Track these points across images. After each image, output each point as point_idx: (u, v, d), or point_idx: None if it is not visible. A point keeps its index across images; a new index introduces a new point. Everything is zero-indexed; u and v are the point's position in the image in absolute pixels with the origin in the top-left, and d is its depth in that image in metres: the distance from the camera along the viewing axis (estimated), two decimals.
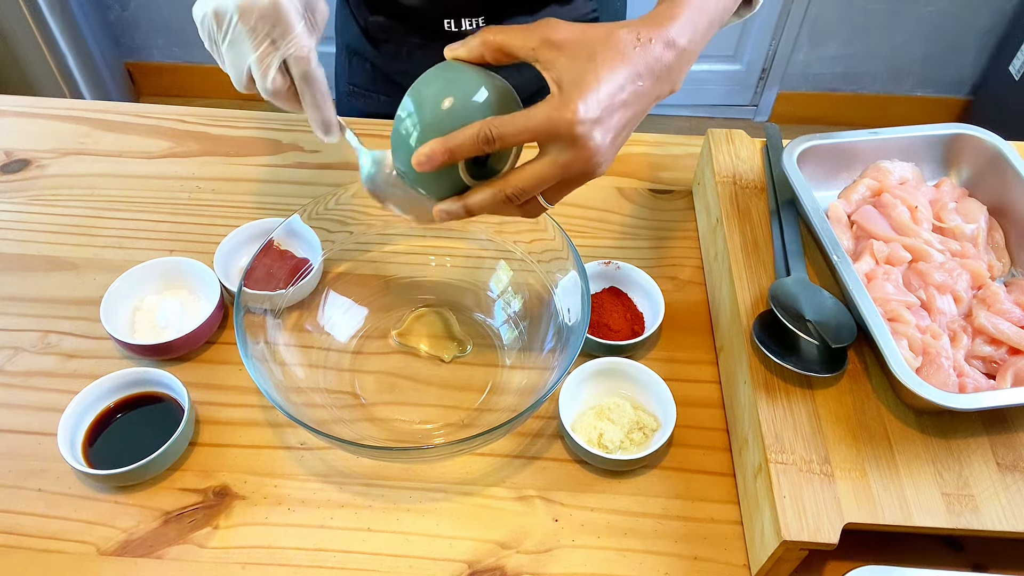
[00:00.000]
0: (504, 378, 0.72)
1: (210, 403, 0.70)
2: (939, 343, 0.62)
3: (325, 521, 0.63)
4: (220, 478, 0.65)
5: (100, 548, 0.61)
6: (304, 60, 0.57)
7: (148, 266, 0.76)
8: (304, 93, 0.59)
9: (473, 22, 0.89)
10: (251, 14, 0.55)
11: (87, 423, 0.66)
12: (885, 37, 2.31)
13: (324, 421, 0.66)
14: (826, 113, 2.49)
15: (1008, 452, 0.59)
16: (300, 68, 0.57)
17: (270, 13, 0.55)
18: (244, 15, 0.55)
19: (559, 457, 0.67)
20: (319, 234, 0.73)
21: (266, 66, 0.57)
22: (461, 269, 0.78)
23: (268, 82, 0.57)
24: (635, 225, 0.86)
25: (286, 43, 0.56)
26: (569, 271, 0.69)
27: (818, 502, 0.56)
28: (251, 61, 0.57)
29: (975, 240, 0.70)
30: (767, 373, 0.63)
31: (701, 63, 2.39)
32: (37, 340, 0.74)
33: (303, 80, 0.58)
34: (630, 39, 0.51)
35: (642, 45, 0.51)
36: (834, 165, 0.77)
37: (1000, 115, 2.23)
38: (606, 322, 0.73)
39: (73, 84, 2.14)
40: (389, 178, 0.62)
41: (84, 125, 0.95)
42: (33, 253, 0.81)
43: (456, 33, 0.90)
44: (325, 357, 0.72)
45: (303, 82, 0.58)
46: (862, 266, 0.67)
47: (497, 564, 0.61)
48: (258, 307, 0.67)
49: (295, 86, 0.59)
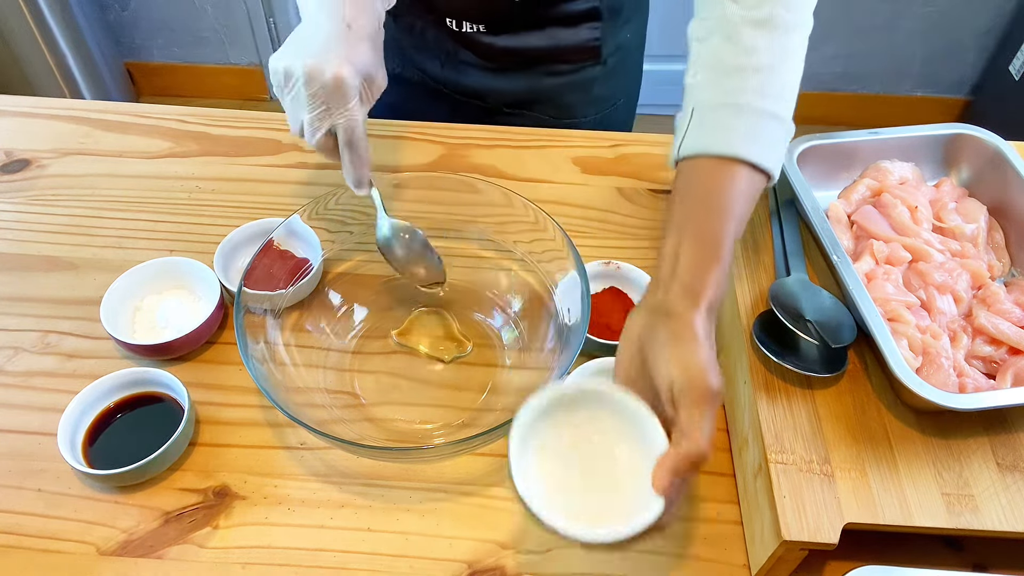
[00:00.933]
0: (504, 378, 0.72)
1: (210, 403, 0.70)
2: (939, 343, 0.62)
3: (325, 521, 0.63)
4: (220, 478, 0.65)
5: (100, 548, 0.61)
6: (350, 130, 0.64)
7: (148, 266, 0.76)
8: (344, 154, 0.66)
9: (473, 26, 0.89)
10: (315, 83, 0.62)
11: (87, 423, 0.66)
12: (885, 37, 2.31)
13: (324, 421, 0.66)
14: (826, 113, 2.49)
15: (1008, 452, 0.59)
16: (346, 135, 0.64)
17: (331, 87, 0.62)
18: (309, 82, 0.62)
19: None
20: (319, 234, 0.73)
21: (315, 128, 0.64)
22: (461, 269, 0.78)
23: (315, 141, 0.65)
24: (635, 225, 0.86)
25: (339, 113, 0.63)
26: (569, 271, 0.69)
27: (818, 502, 0.56)
28: (304, 120, 0.64)
29: (975, 240, 0.70)
30: (767, 373, 0.63)
31: None
32: (37, 340, 0.74)
33: (347, 145, 0.65)
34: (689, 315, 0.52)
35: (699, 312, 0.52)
36: (834, 165, 0.77)
37: (1000, 115, 2.23)
38: (606, 322, 0.73)
39: (73, 84, 2.14)
40: (401, 242, 0.72)
41: (84, 125, 0.95)
42: (33, 253, 0.81)
43: (456, 32, 0.90)
44: (325, 357, 0.72)
45: (346, 146, 0.65)
46: (862, 266, 0.67)
47: (497, 564, 0.61)
48: (258, 307, 0.67)
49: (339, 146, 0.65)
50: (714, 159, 0.58)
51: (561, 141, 0.94)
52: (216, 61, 2.36)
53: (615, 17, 0.91)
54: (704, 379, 0.49)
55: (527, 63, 0.93)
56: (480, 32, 0.89)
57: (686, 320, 0.52)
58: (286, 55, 0.63)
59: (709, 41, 0.62)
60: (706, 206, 0.57)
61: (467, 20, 0.89)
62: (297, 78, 0.62)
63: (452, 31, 0.90)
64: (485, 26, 0.89)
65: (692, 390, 0.49)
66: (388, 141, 0.94)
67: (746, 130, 0.58)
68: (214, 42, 2.33)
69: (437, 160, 0.92)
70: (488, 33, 0.90)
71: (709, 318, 0.53)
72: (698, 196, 0.57)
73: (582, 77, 0.95)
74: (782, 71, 0.60)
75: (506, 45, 0.91)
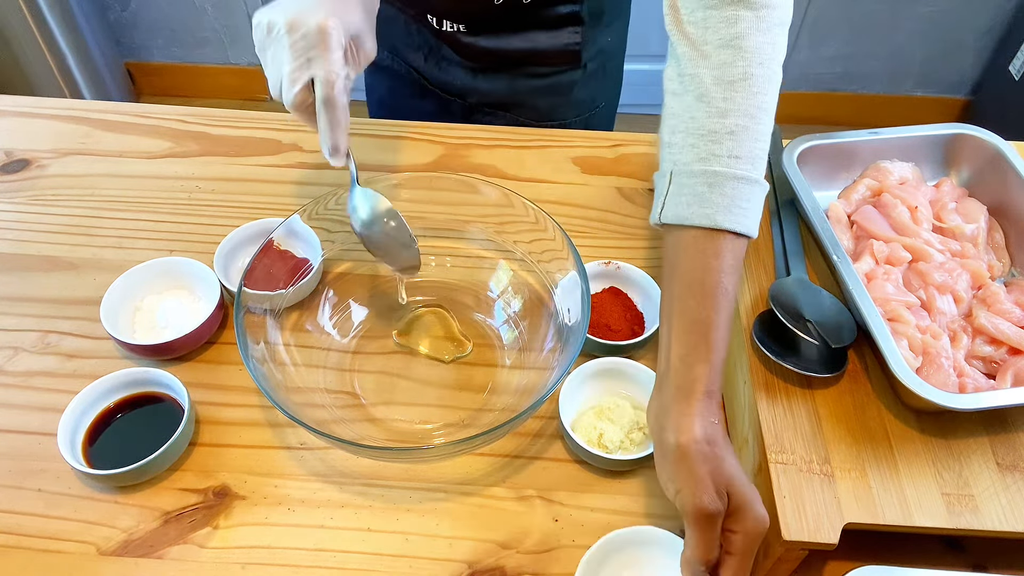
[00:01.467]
0: (504, 378, 0.72)
1: (210, 403, 0.70)
2: (939, 343, 0.62)
3: (325, 521, 0.63)
4: (220, 478, 0.65)
5: (100, 548, 0.61)
6: (329, 84, 0.60)
7: (148, 266, 0.76)
8: (320, 114, 0.61)
9: (454, 26, 0.89)
10: (297, 31, 0.59)
11: (87, 423, 0.66)
12: (885, 37, 2.31)
13: (324, 421, 0.66)
14: (826, 113, 2.49)
15: (1008, 452, 0.59)
16: (324, 91, 0.60)
17: (313, 34, 0.59)
18: (291, 29, 0.59)
19: (559, 457, 0.67)
20: (319, 234, 0.73)
21: (294, 79, 0.60)
22: (461, 269, 0.78)
23: (292, 95, 0.61)
24: (635, 225, 0.86)
25: (319, 64, 0.60)
26: (569, 271, 0.69)
27: (818, 502, 0.56)
28: (284, 72, 0.61)
29: (975, 240, 0.70)
30: (767, 373, 0.63)
31: None
32: (37, 340, 0.74)
33: (324, 103, 0.61)
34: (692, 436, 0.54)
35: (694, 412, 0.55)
36: (834, 165, 0.77)
37: (1000, 115, 2.23)
38: (606, 322, 0.73)
39: (73, 84, 2.14)
40: (381, 227, 0.68)
41: (84, 125, 0.95)
42: (33, 253, 0.81)
43: (438, 29, 0.90)
44: (325, 357, 0.72)
45: (323, 104, 0.61)
46: (862, 266, 0.67)
47: (497, 564, 0.61)
48: (258, 307, 0.67)
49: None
50: (696, 230, 0.59)
51: (561, 141, 0.94)
52: (216, 61, 2.36)
53: (596, 22, 0.91)
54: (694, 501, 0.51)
55: (507, 65, 0.93)
56: (460, 32, 0.89)
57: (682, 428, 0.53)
58: (271, 9, 0.61)
59: (683, 98, 0.62)
60: (694, 291, 0.58)
61: (448, 19, 0.88)
62: (279, 26, 0.60)
63: (434, 28, 0.90)
64: (465, 26, 0.89)
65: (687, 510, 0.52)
66: (388, 141, 0.94)
67: (724, 201, 0.59)
68: (214, 42, 2.33)
69: (437, 160, 0.92)
70: (468, 33, 0.89)
71: (707, 406, 0.54)
72: (686, 279, 0.58)
73: (561, 80, 0.95)
74: (755, 131, 0.60)
75: (486, 46, 0.90)
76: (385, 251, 0.70)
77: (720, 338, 0.56)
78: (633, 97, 2.46)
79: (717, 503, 0.51)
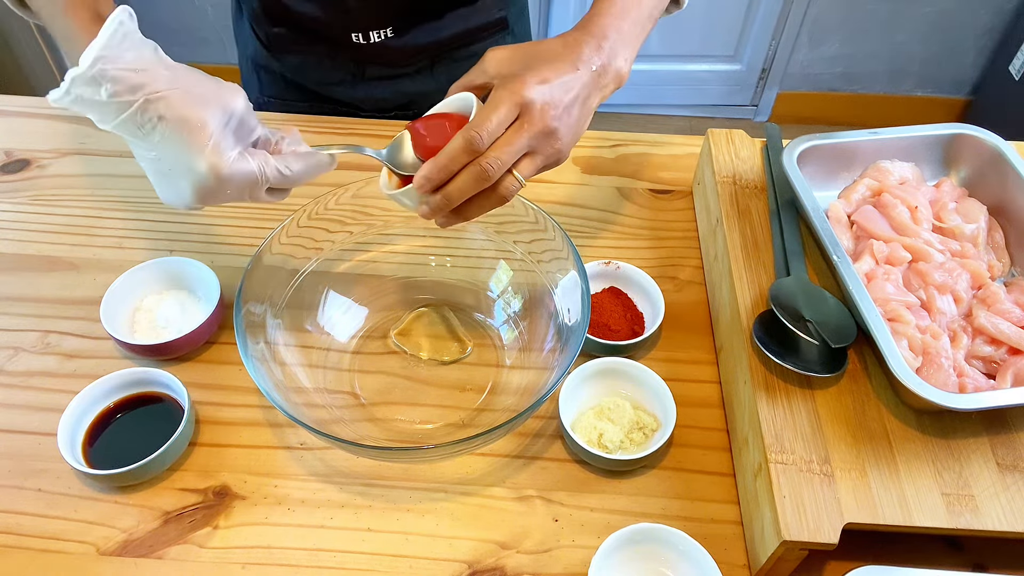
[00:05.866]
0: (504, 378, 0.72)
1: (210, 403, 0.70)
2: (939, 343, 0.62)
3: (325, 521, 0.63)
4: (220, 478, 0.65)
5: (100, 548, 0.61)
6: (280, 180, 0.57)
7: (148, 266, 0.76)
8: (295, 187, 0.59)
9: (381, 33, 0.88)
10: (214, 195, 0.55)
11: (87, 423, 0.66)
12: (885, 37, 2.31)
13: (324, 421, 0.66)
14: (826, 113, 2.49)
15: (1008, 452, 0.59)
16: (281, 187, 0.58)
17: (228, 182, 0.54)
18: (210, 197, 0.55)
19: (559, 457, 0.67)
20: (319, 234, 0.73)
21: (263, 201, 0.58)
22: (461, 269, 0.78)
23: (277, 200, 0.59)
24: (635, 225, 0.86)
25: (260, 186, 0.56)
26: (569, 271, 0.69)
27: (818, 502, 0.56)
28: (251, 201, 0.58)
29: (975, 240, 0.70)
30: (767, 373, 0.63)
31: (701, 63, 2.39)
32: (37, 340, 0.74)
33: (292, 183, 0.58)
34: (557, 44, 0.59)
35: (569, 47, 0.58)
36: (834, 165, 0.77)
37: (1000, 115, 2.23)
38: (606, 322, 0.73)
39: None
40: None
41: (84, 125, 0.95)
42: (33, 253, 0.81)
43: (364, 45, 0.89)
44: (325, 357, 0.72)
45: (293, 184, 0.58)
46: (862, 266, 0.67)
47: (497, 564, 0.61)
48: (258, 307, 0.67)
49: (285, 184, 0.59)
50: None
51: None
52: (216, 61, 2.36)
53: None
54: (523, 92, 0.54)
55: (442, 54, 0.93)
56: (389, 38, 0.89)
57: (567, 42, 0.58)
58: (172, 199, 0.57)
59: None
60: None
61: (373, 29, 0.88)
62: (203, 202, 0.56)
63: (358, 47, 0.89)
64: (392, 29, 0.88)
65: (508, 83, 0.55)
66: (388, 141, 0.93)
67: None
68: (214, 42, 2.33)
69: None
70: (397, 36, 0.89)
71: (597, 45, 0.58)
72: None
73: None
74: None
75: (418, 43, 0.90)
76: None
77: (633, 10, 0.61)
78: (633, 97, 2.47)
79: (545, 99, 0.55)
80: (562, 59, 0.57)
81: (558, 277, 0.71)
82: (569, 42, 0.59)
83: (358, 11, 0.86)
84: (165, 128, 0.52)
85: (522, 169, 0.56)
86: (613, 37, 0.59)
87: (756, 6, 2.25)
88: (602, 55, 0.59)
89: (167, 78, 0.52)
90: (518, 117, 0.55)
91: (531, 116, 0.55)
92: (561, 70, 0.56)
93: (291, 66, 0.94)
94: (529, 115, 0.55)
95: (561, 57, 0.57)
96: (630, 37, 0.61)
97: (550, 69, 0.56)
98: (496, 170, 0.55)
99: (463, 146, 0.54)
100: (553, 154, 0.57)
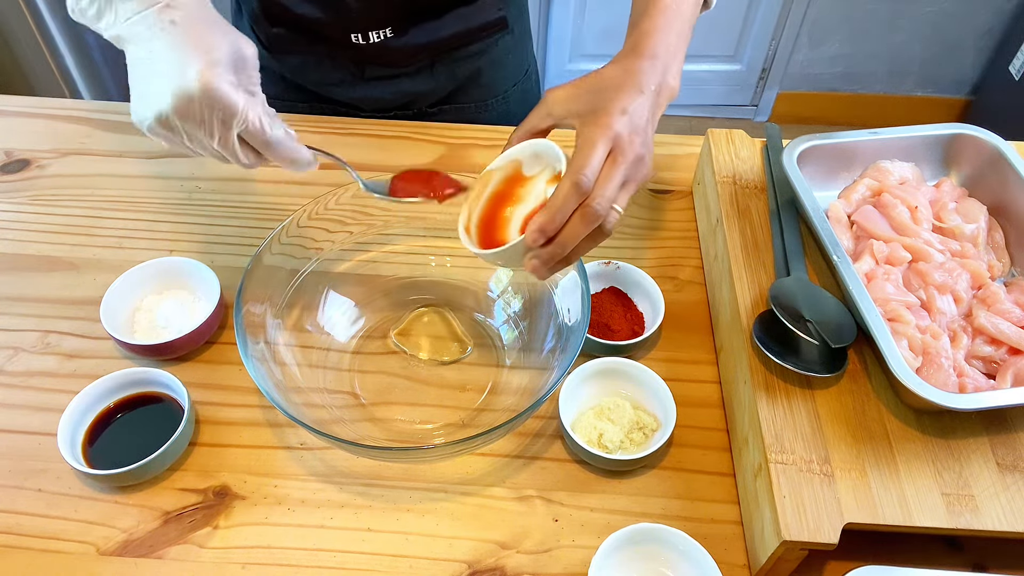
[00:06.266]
0: (504, 378, 0.72)
1: (210, 403, 0.70)
2: (939, 343, 0.62)
3: (325, 521, 0.63)
4: (220, 478, 0.65)
5: (100, 548, 0.61)
6: (257, 130, 0.56)
7: (148, 266, 0.76)
8: (270, 157, 0.59)
9: (380, 34, 0.88)
10: (190, 110, 0.53)
11: (87, 423, 0.66)
12: (885, 37, 2.31)
13: (324, 421, 0.66)
14: (826, 113, 2.49)
15: (1008, 452, 0.59)
16: (257, 140, 0.57)
17: (208, 102, 0.53)
18: (184, 114, 0.54)
19: (559, 457, 0.67)
20: (319, 234, 0.73)
21: (230, 148, 0.56)
22: (461, 269, 0.78)
23: (241, 160, 0.58)
24: (635, 225, 0.86)
25: (237, 122, 0.55)
26: (569, 271, 0.69)
27: (818, 502, 0.56)
28: (214, 147, 0.56)
29: (975, 240, 0.70)
30: (767, 373, 0.63)
31: (701, 63, 2.39)
32: (37, 340, 0.74)
33: (264, 147, 0.58)
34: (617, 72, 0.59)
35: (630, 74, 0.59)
36: (834, 165, 0.77)
37: (1000, 115, 2.23)
38: (606, 322, 0.73)
39: (73, 84, 2.14)
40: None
41: (84, 125, 0.95)
42: (33, 253, 0.81)
43: (364, 45, 0.89)
44: (325, 357, 0.72)
45: (264, 148, 0.58)
46: (862, 266, 0.67)
47: (497, 564, 0.61)
48: (258, 307, 0.67)
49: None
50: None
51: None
52: None
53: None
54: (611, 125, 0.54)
55: (441, 53, 0.93)
56: (388, 38, 0.89)
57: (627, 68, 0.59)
58: (143, 107, 0.55)
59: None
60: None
61: (373, 30, 0.88)
62: (172, 118, 0.54)
63: (358, 47, 0.89)
64: (392, 29, 0.88)
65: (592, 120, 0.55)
66: (388, 141, 0.94)
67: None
68: None
69: (437, 160, 0.92)
70: (397, 36, 0.89)
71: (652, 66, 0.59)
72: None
73: (496, 52, 0.96)
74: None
75: (417, 42, 0.90)
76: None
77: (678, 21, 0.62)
78: None
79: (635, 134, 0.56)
80: (627, 87, 0.58)
81: (558, 277, 0.71)
82: (628, 68, 0.59)
83: (358, 11, 0.86)
84: (174, 31, 0.54)
85: (620, 200, 0.56)
86: (663, 55, 0.60)
87: (756, 6, 2.25)
88: (657, 75, 0.59)
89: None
90: (610, 152, 0.55)
91: (623, 148, 0.55)
92: (632, 98, 0.57)
93: (291, 66, 0.94)
94: (620, 148, 0.55)
95: (626, 85, 0.58)
96: (677, 50, 0.62)
97: (624, 98, 0.57)
98: (604, 208, 0.54)
99: (572, 191, 0.53)
100: (642, 178, 0.58)
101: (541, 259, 0.55)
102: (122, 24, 0.55)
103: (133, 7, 0.54)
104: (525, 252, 0.55)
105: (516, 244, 0.55)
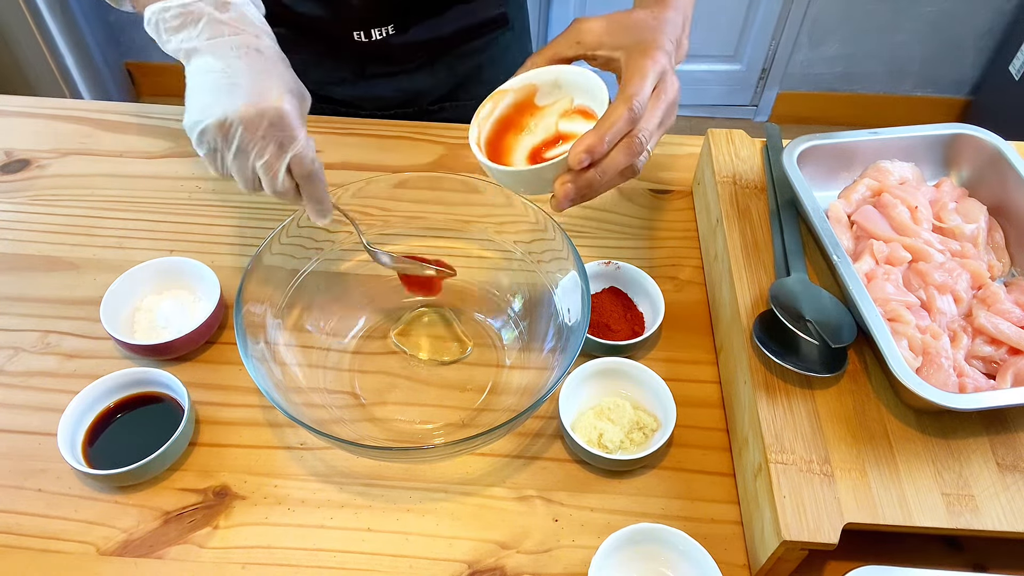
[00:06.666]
0: (504, 378, 0.72)
1: (210, 403, 0.70)
2: (939, 343, 0.62)
3: (325, 521, 0.63)
4: (220, 478, 0.65)
5: (100, 548, 0.61)
6: (308, 160, 0.58)
7: (148, 266, 0.76)
8: (305, 190, 0.60)
9: (382, 31, 0.88)
10: (258, 124, 0.55)
11: (87, 423, 0.66)
12: (885, 37, 2.31)
13: (324, 421, 0.66)
14: (826, 113, 2.49)
15: (1008, 452, 0.59)
16: (303, 169, 0.59)
17: (277, 122, 0.56)
18: (249, 125, 0.55)
19: (559, 457, 0.67)
20: (319, 234, 0.73)
21: (275, 172, 0.58)
22: (461, 269, 0.78)
23: (278, 185, 0.59)
24: (635, 225, 0.86)
25: (292, 147, 0.57)
26: (569, 271, 0.69)
27: (818, 502, 0.56)
28: (259, 167, 0.58)
29: (975, 240, 0.70)
30: (767, 373, 0.63)
31: (701, 63, 2.39)
32: (37, 340, 0.74)
33: (306, 179, 0.59)
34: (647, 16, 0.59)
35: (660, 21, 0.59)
36: (834, 165, 0.77)
37: (1000, 115, 2.23)
38: (606, 322, 0.73)
39: (73, 84, 2.14)
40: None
41: (84, 125, 0.95)
42: (33, 253, 0.81)
43: (366, 43, 0.89)
44: (325, 357, 0.72)
45: (306, 180, 0.60)
46: (862, 266, 0.67)
47: (497, 564, 0.61)
48: (258, 307, 0.67)
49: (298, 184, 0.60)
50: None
51: None
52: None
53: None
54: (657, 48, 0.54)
55: (442, 50, 0.93)
56: (390, 35, 0.89)
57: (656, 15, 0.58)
58: (206, 110, 0.56)
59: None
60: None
61: (374, 27, 0.88)
62: (236, 126, 0.55)
63: (360, 44, 0.89)
64: (393, 27, 0.88)
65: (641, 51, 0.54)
66: (388, 141, 0.94)
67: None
68: None
69: (437, 160, 0.92)
70: (398, 33, 0.89)
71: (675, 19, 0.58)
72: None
73: (496, 49, 0.96)
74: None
75: (419, 39, 0.90)
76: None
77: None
78: None
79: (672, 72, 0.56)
80: (658, 31, 0.57)
81: (558, 277, 0.71)
82: (656, 15, 0.58)
83: (360, 9, 0.86)
84: (259, 58, 0.57)
85: (654, 140, 0.54)
86: (683, 9, 0.60)
87: (756, 6, 2.25)
88: (678, 29, 0.59)
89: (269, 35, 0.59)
90: (655, 88, 0.54)
91: (665, 86, 0.54)
92: (663, 41, 0.56)
93: (292, 66, 0.94)
94: (664, 85, 0.54)
95: (656, 28, 0.57)
96: (690, 14, 0.62)
97: (661, 38, 0.56)
98: (645, 142, 0.52)
99: (627, 115, 0.51)
100: (671, 124, 0.56)
101: (576, 185, 0.53)
102: (204, 40, 0.57)
103: (223, 30, 0.57)
104: (560, 175, 0.53)
105: (557, 162, 0.52)
